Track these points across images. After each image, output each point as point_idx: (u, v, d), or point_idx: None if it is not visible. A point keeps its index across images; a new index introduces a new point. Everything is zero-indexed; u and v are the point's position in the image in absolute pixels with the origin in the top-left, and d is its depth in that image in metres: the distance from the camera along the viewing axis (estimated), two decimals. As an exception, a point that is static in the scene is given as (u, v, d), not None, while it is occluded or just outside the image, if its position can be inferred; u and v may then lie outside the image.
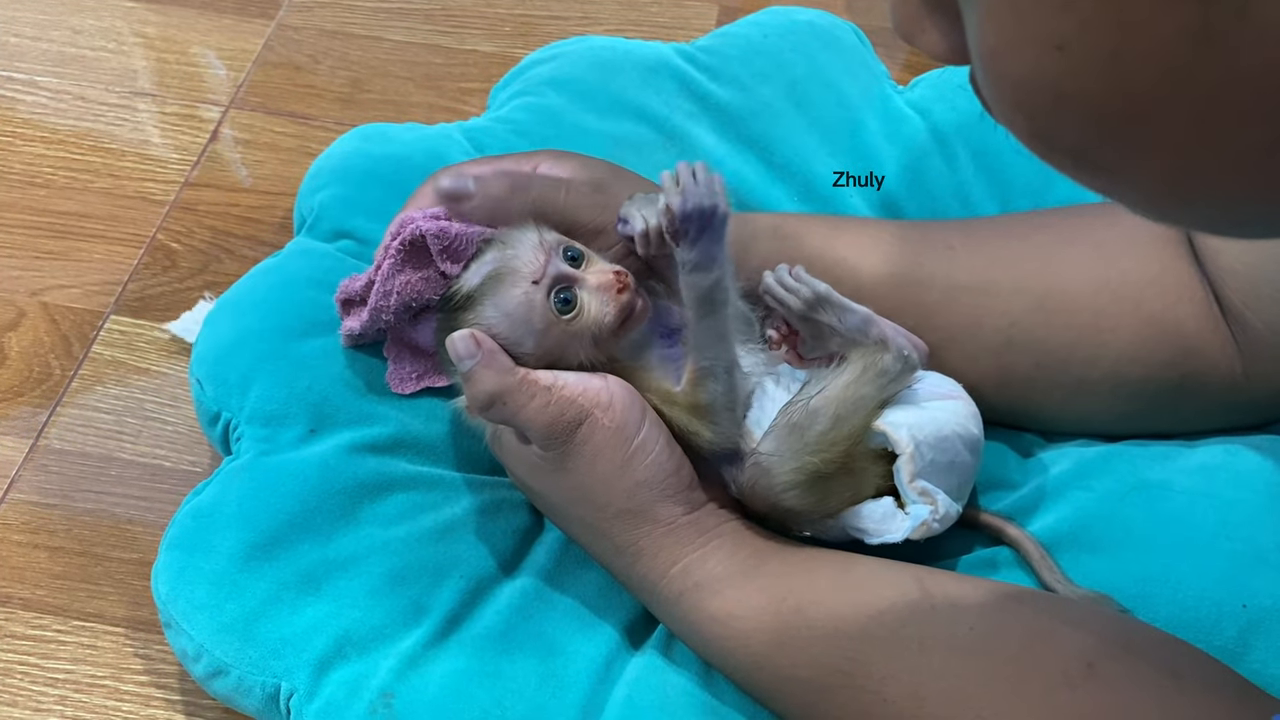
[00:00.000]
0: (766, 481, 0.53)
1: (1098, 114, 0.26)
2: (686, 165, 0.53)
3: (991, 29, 0.26)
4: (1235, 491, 0.57)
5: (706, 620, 0.52)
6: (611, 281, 0.53)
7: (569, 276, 0.54)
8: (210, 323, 0.67)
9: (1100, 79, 0.25)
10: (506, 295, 0.53)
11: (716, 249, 0.52)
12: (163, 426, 0.71)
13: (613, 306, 0.53)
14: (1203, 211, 0.28)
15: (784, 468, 0.52)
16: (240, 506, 0.59)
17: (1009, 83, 0.27)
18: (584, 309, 0.53)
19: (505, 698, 0.53)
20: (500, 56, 0.92)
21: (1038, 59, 0.25)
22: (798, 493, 0.53)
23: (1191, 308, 0.59)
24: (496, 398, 0.52)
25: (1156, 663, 0.47)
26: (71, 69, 0.91)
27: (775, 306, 0.56)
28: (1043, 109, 0.26)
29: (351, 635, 0.55)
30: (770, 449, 0.53)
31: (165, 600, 0.57)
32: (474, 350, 0.52)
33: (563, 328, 0.53)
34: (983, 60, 0.27)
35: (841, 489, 0.54)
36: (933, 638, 0.49)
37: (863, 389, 0.54)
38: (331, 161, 0.74)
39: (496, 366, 0.52)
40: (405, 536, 0.58)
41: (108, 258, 0.79)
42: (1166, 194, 0.27)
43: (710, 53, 0.80)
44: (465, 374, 0.53)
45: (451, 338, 0.53)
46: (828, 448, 0.52)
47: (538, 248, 0.54)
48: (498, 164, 0.62)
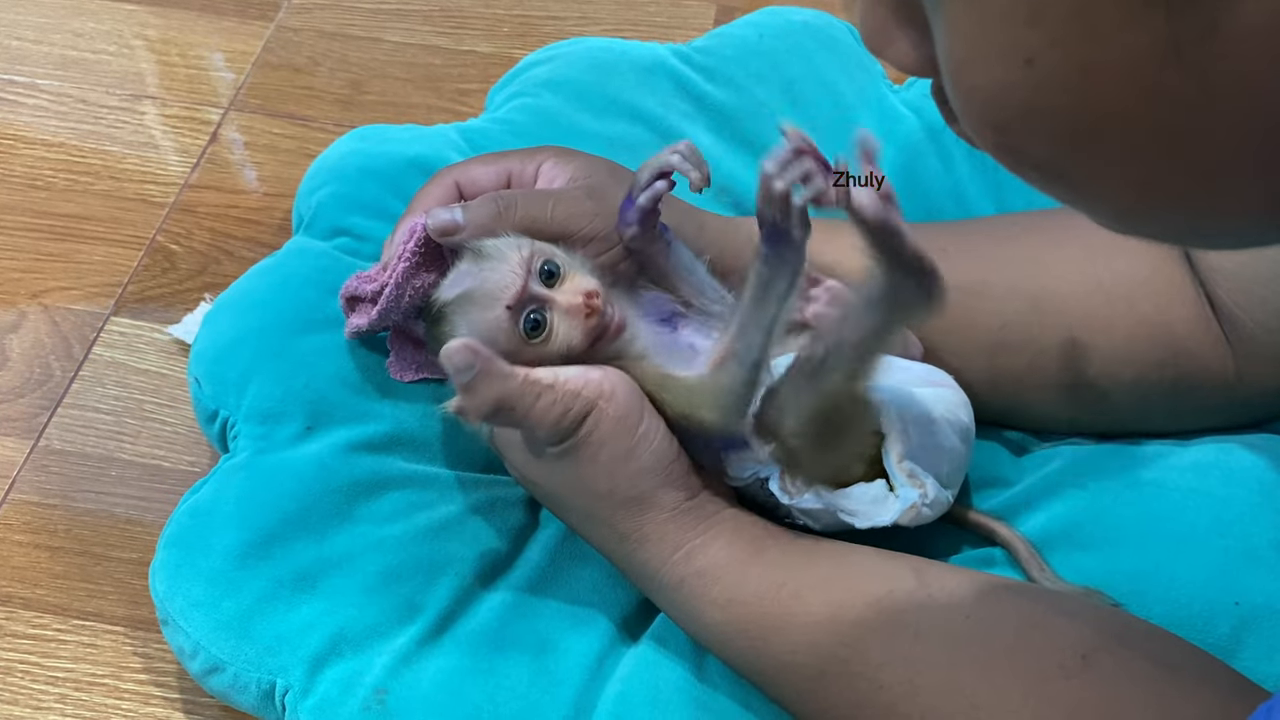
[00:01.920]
0: (778, 419, 0.52)
1: (1066, 128, 0.26)
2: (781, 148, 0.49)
3: (960, 42, 0.26)
4: (1228, 489, 0.58)
5: (707, 605, 0.52)
6: (579, 306, 0.53)
7: (541, 298, 0.53)
8: (209, 322, 0.68)
9: (1068, 93, 0.25)
10: (478, 317, 0.53)
11: (804, 237, 0.50)
12: (162, 427, 0.72)
13: (579, 331, 0.53)
14: (1169, 224, 0.29)
15: (794, 409, 0.52)
16: (237, 505, 0.59)
17: (977, 96, 0.27)
18: (553, 331, 0.53)
19: (498, 694, 0.54)
20: (499, 57, 0.92)
21: (1006, 73, 0.26)
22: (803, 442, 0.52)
23: (1184, 308, 0.59)
24: (501, 404, 0.51)
25: (1150, 655, 0.47)
26: (73, 72, 0.91)
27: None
28: (1011, 122, 0.27)
29: (346, 633, 0.55)
30: (787, 390, 0.52)
31: (163, 598, 0.58)
32: (472, 360, 0.51)
33: (532, 350, 0.53)
34: (951, 73, 0.27)
35: (842, 447, 0.53)
36: (929, 626, 0.49)
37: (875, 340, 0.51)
38: (329, 161, 0.75)
39: (497, 372, 0.51)
40: (400, 535, 0.58)
41: (108, 259, 0.80)
42: (1133, 208, 0.28)
43: (706, 53, 0.80)
44: (465, 385, 0.51)
45: (447, 350, 0.50)
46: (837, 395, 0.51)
47: (517, 269, 0.53)
48: (501, 161, 0.62)
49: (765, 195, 0.50)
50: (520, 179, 0.61)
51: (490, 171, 0.61)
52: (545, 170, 0.60)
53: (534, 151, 0.62)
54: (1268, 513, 0.57)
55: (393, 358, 0.63)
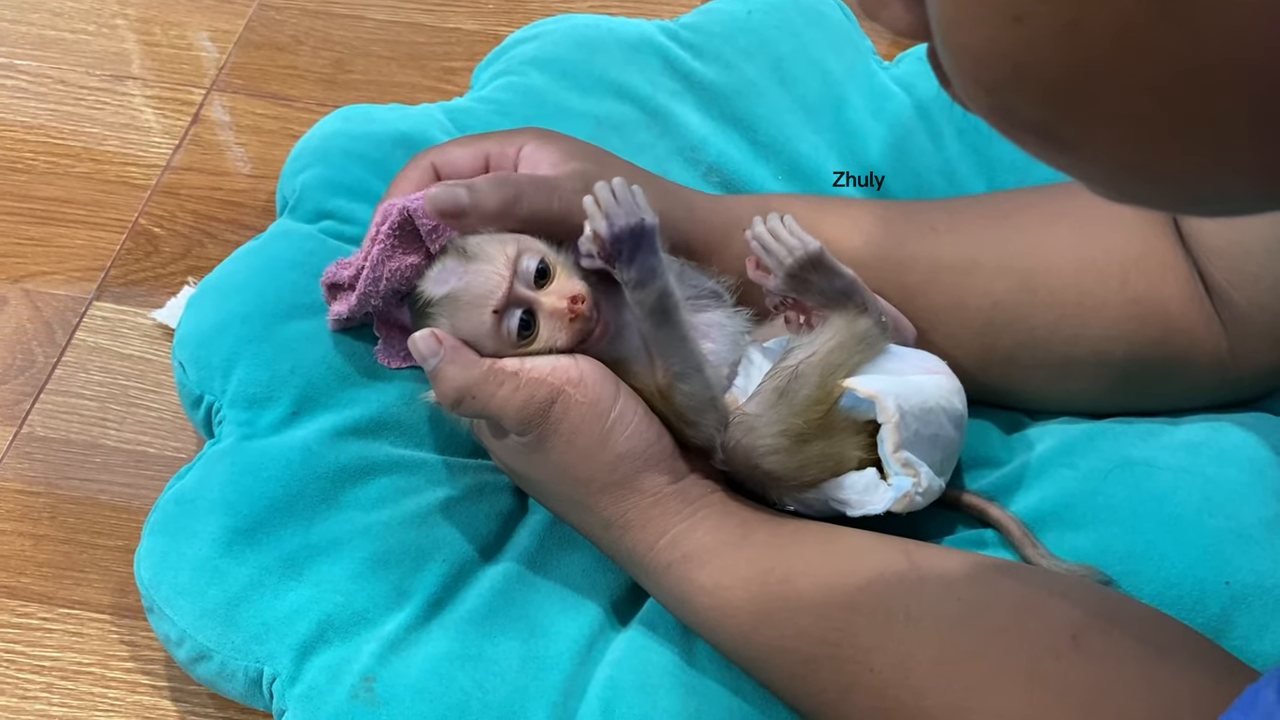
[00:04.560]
0: (750, 441, 0.53)
1: (1057, 86, 0.25)
2: (604, 185, 0.52)
3: (948, 2, 0.26)
4: (1219, 468, 0.57)
5: (695, 591, 0.52)
6: (564, 310, 0.53)
7: (528, 300, 0.53)
8: (193, 306, 0.67)
9: (1059, 50, 0.25)
10: (463, 318, 0.53)
11: (653, 260, 0.52)
12: (146, 412, 0.71)
13: (564, 334, 0.53)
14: (1166, 190, 0.28)
15: (769, 430, 0.53)
16: (222, 491, 0.58)
17: (968, 55, 0.26)
18: (539, 333, 0.53)
19: (487, 680, 0.53)
20: (484, 34, 0.91)
21: (996, 30, 0.25)
22: (780, 457, 0.53)
23: (1176, 287, 0.59)
24: (465, 392, 0.52)
25: (1141, 635, 0.47)
26: (51, 52, 0.90)
27: (761, 255, 0.55)
28: (1002, 82, 0.26)
29: (333, 620, 0.55)
30: (755, 411, 0.53)
31: (148, 586, 0.57)
32: (436, 349, 0.52)
33: (517, 349, 0.53)
34: (941, 32, 0.27)
35: (822, 458, 0.54)
36: (920, 609, 0.49)
37: (845, 353, 0.54)
38: (313, 143, 0.74)
39: (461, 361, 0.52)
40: (387, 520, 0.58)
41: (90, 243, 0.79)
42: (1128, 170, 0.27)
43: (694, 30, 0.79)
44: (431, 372, 0.52)
45: (413, 339, 0.52)
46: (811, 408, 0.53)
47: (503, 271, 0.53)
48: (480, 144, 0.61)
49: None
50: (500, 161, 0.60)
51: (469, 154, 0.60)
52: (526, 153, 0.60)
53: (514, 134, 0.61)
54: (1259, 491, 0.56)
55: (380, 345, 0.62)
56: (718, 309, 0.57)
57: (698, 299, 0.57)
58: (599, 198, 0.52)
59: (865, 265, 0.60)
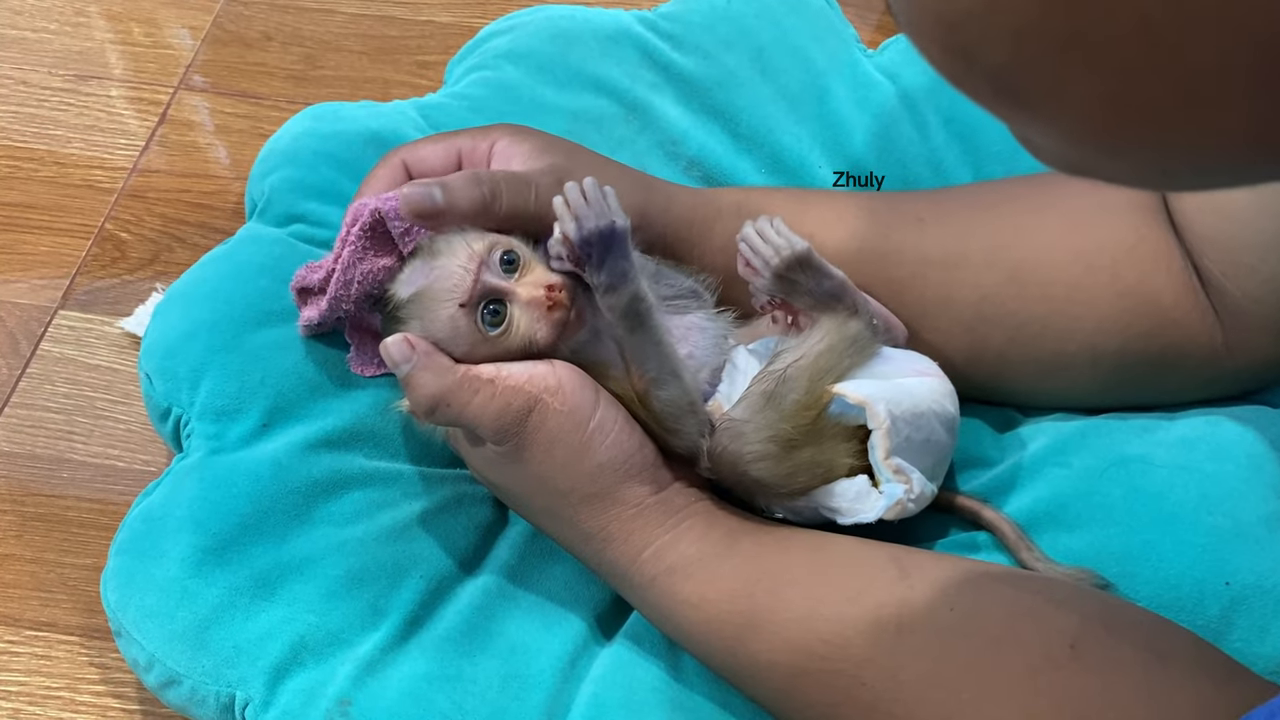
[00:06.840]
0: (737, 448, 0.51)
1: (1030, 27, 0.23)
2: (574, 186, 0.50)
3: None
4: (1216, 464, 0.56)
5: (680, 605, 0.51)
6: (541, 299, 0.51)
7: (499, 290, 0.51)
8: (159, 314, 0.65)
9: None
10: (433, 316, 0.52)
11: (624, 264, 0.50)
12: (115, 425, 0.69)
13: (543, 324, 0.51)
14: (1135, 158, 0.26)
15: (757, 436, 0.51)
16: (191, 508, 0.57)
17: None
18: (514, 324, 0.52)
19: (466, 701, 0.52)
20: (458, 27, 0.89)
21: None
22: (768, 464, 0.51)
23: (1169, 278, 0.57)
24: (439, 400, 0.50)
25: (1140, 642, 0.46)
26: (11, 51, 0.88)
27: (750, 257, 0.54)
28: (968, 17, 0.24)
29: (307, 641, 0.53)
30: (742, 416, 0.51)
31: (115, 608, 0.55)
32: (409, 354, 0.50)
33: (493, 344, 0.51)
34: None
35: (811, 464, 0.52)
36: (912, 620, 0.48)
37: (834, 356, 0.52)
38: (282, 143, 0.71)
39: (434, 368, 0.50)
40: (362, 536, 0.56)
41: (54, 250, 0.77)
42: (1096, 133, 0.25)
43: (673, 20, 0.77)
44: (403, 379, 0.51)
45: (385, 344, 0.51)
46: (800, 413, 0.51)
47: (466, 265, 0.51)
48: (452, 140, 0.60)
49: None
50: (472, 158, 0.59)
51: (440, 151, 0.58)
52: (499, 149, 0.58)
53: (486, 130, 0.59)
54: (1257, 488, 0.55)
55: (353, 352, 0.61)
56: (698, 310, 0.56)
57: (676, 299, 0.56)
58: (568, 199, 0.50)
59: (850, 259, 0.58)
